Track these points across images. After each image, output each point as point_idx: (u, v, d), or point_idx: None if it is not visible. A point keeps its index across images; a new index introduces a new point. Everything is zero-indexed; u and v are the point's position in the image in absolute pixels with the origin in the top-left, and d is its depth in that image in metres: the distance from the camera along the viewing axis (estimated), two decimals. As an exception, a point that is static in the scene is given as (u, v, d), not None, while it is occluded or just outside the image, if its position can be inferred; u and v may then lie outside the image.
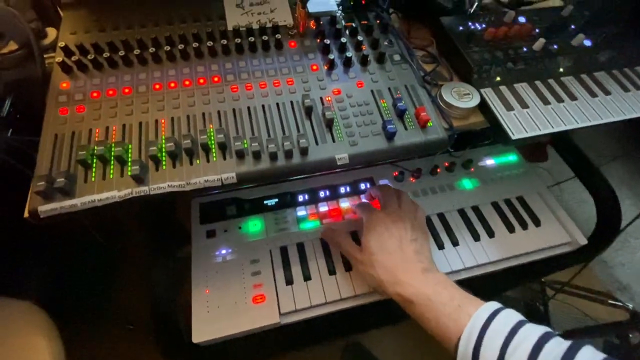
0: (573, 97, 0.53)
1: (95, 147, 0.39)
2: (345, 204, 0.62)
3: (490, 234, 0.60)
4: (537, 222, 0.61)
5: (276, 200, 0.61)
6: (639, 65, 0.58)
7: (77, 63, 0.44)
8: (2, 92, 0.54)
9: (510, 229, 0.60)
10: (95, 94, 0.43)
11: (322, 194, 0.63)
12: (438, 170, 0.66)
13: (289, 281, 0.53)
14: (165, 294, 0.53)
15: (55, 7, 0.55)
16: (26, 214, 0.38)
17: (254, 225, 0.58)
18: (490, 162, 0.69)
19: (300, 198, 0.62)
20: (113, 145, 0.39)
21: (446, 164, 0.67)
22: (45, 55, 0.52)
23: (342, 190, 0.63)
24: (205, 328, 0.47)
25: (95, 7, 0.51)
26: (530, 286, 1.09)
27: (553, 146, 0.76)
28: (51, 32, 0.54)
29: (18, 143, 0.56)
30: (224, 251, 0.55)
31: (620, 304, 0.86)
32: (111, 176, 0.38)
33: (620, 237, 1.46)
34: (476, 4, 0.65)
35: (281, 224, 0.59)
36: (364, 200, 0.62)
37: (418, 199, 0.63)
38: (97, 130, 0.41)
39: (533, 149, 0.89)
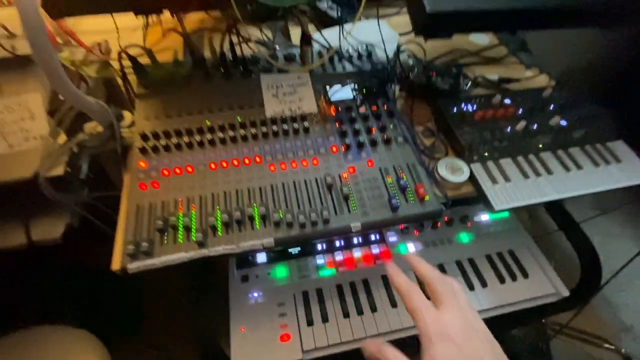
0: (550, 172, 0.63)
1: (168, 217, 0.51)
2: (357, 253, 0.72)
3: (484, 284, 0.69)
4: (525, 275, 0.70)
5: (299, 249, 0.72)
6: (609, 141, 0.68)
7: (152, 147, 0.58)
8: (86, 160, 0.69)
9: (501, 280, 0.69)
10: (165, 172, 0.56)
11: (337, 243, 0.73)
12: (438, 224, 0.76)
13: (310, 322, 0.63)
14: (208, 328, 0.63)
15: (129, 95, 0.70)
16: (116, 268, 0.50)
17: (280, 271, 0.69)
18: (485, 217, 0.78)
19: (319, 247, 0.73)
20: (181, 215, 0.51)
21: (446, 219, 0.77)
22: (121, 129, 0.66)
23: (355, 241, 0.74)
24: (242, 362, 0.57)
25: (162, 97, 0.65)
26: (533, 326, 1.14)
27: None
28: (126, 114, 0.68)
29: (92, 200, 0.70)
30: (255, 294, 0.66)
31: (613, 347, 0.92)
32: (180, 241, 0.50)
33: (624, 278, 1.51)
34: (469, 84, 0.78)
35: (303, 271, 0.69)
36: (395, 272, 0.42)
37: (421, 250, 0.73)
38: (168, 202, 0.53)
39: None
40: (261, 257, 0.70)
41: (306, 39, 0.64)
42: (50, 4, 0.50)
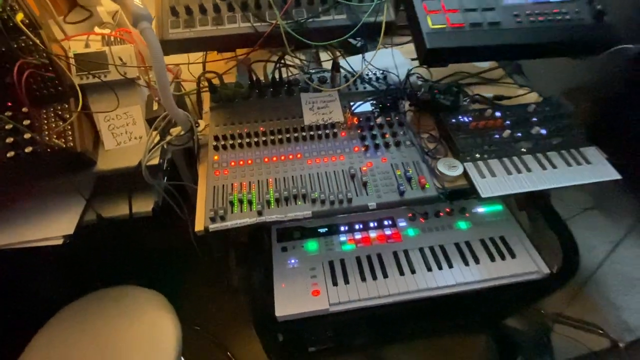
0: (529, 170, 0.79)
1: (236, 194, 0.71)
2: (373, 234, 0.89)
3: (477, 261, 0.84)
4: (512, 255, 0.85)
5: (326, 229, 0.90)
6: (582, 147, 0.83)
7: (222, 145, 0.79)
8: (169, 155, 0.91)
9: (492, 259, 0.84)
10: (232, 163, 0.77)
11: (357, 226, 0.91)
12: (441, 214, 0.93)
13: (334, 283, 0.80)
14: (260, 285, 0.81)
15: (200, 107, 0.93)
16: (199, 228, 0.70)
17: (311, 245, 0.87)
18: (481, 209, 0.94)
19: (342, 228, 0.91)
20: (245, 193, 0.71)
21: (447, 210, 0.94)
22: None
23: (371, 224, 0.91)
24: (284, 308, 0.75)
25: (228, 110, 0.86)
26: (533, 319, 1.26)
27: (533, 205, 0.99)
28: (201, 122, 0.91)
29: (170, 187, 0.92)
30: (292, 261, 0.84)
31: (602, 331, 1.02)
32: (245, 210, 0.70)
33: (628, 282, 1.60)
34: (468, 101, 0.95)
35: (329, 245, 0.87)
36: None
37: (425, 234, 0.89)
38: (235, 184, 0.73)
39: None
40: (297, 234, 0.89)
41: (336, 67, 0.85)
42: (162, 46, 0.73)
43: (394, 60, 0.91)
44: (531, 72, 1.10)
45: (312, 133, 0.81)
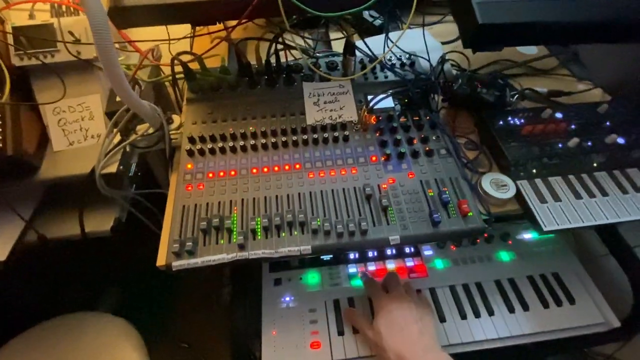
0: (604, 193, 0.59)
1: (212, 219, 0.53)
2: (391, 265, 0.71)
3: (525, 307, 0.65)
4: (571, 300, 0.66)
5: (331, 256, 0.72)
6: (673, 163, 0.63)
7: (198, 150, 0.60)
8: (135, 159, 0.73)
9: (545, 305, 0.65)
10: (210, 175, 0.58)
11: (370, 254, 0.72)
12: (477, 240, 0.73)
13: (340, 332, 0.62)
14: (243, 328, 0.64)
15: (177, 99, 0.74)
16: (161, 264, 0.52)
17: (312, 277, 0.69)
18: (527, 236, 0.75)
19: (352, 256, 0.72)
20: (224, 218, 0.53)
21: (485, 235, 0.74)
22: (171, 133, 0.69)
23: (389, 252, 0.73)
24: (272, 365, 0.58)
25: (209, 103, 0.67)
26: (574, 355, 1.07)
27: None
28: (175, 118, 0.72)
29: (138, 196, 0.74)
30: (287, 298, 0.66)
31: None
32: (222, 242, 0.51)
33: None
34: (516, 96, 0.75)
35: (335, 279, 0.69)
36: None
37: (458, 267, 0.71)
38: (212, 204, 0.55)
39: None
40: (293, 262, 0.71)
41: (350, 49, 0.65)
42: (117, 15, 0.54)
43: (425, 42, 0.70)
44: (591, 60, 0.88)
45: (315, 136, 0.61)
